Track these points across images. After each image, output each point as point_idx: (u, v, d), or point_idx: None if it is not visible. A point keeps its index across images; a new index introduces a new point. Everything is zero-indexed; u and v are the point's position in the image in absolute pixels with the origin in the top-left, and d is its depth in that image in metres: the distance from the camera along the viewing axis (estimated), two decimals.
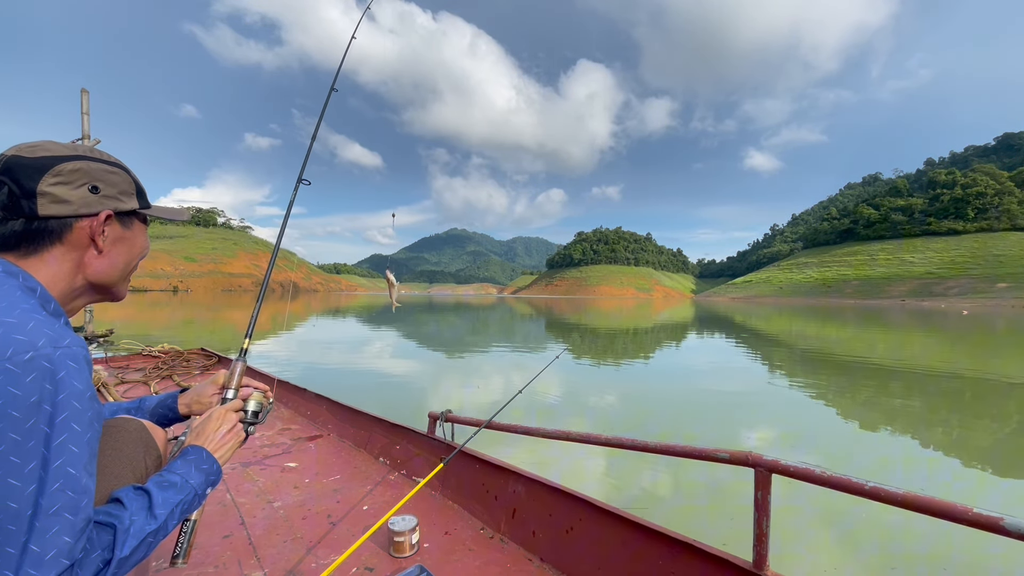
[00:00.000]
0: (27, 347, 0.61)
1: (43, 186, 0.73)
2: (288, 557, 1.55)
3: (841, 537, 3.08)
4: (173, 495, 0.79)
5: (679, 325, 25.92)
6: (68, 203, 0.75)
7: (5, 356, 0.59)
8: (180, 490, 0.81)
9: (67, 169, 0.76)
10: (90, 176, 0.78)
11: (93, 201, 0.78)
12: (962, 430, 5.71)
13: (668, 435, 5.23)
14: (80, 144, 0.82)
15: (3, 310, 0.63)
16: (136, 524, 0.71)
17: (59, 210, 0.74)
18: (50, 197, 0.74)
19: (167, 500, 0.77)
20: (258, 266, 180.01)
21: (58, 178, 0.75)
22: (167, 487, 0.79)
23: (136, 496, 0.75)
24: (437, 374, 9.05)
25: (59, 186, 0.75)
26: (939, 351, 14.66)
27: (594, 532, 1.44)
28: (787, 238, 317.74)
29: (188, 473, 0.84)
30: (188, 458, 0.87)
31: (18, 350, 0.60)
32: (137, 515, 0.72)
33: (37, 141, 0.78)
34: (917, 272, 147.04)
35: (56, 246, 0.75)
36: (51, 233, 0.74)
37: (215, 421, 0.97)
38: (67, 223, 0.76)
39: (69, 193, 0.76)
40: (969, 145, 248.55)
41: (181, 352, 5.05)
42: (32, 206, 0.72)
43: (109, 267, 0.82)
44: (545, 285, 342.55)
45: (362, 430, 2.61)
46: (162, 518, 0.75)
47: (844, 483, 0.98)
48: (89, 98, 6.49)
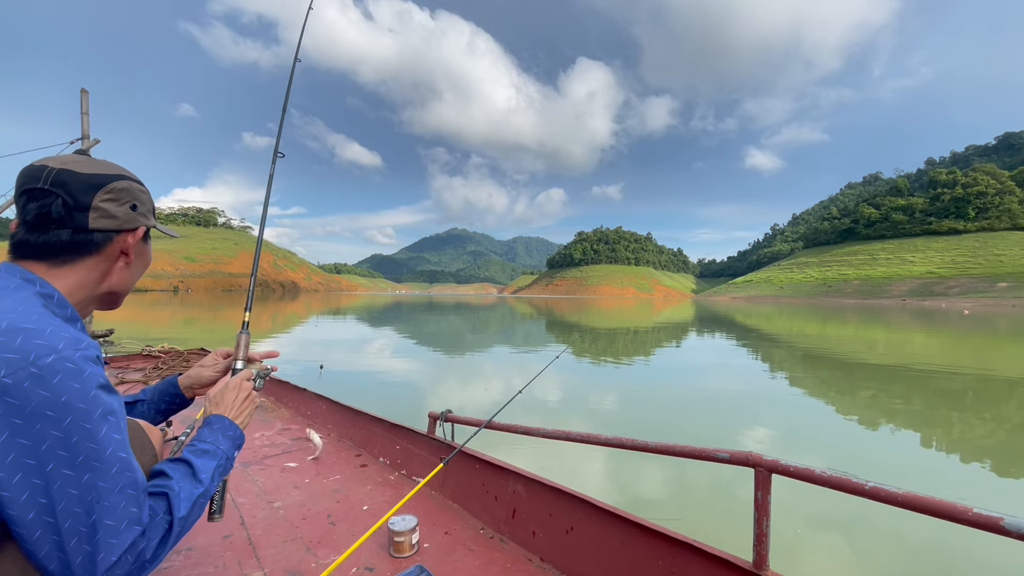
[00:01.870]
0: (48, 351, 0.65)
1: (96, 201, 0.81)
2: (288, 557, 1.54)
3: (841, 537, 3.08)
4: (209, 461, 0.88)
5: (679, 325, 25.92)
6: (115, 218, 0.83)
7: (28, 361, 0.63)
8: (214, 456, 0.89)
9: (117, 187, 0.84)
10: (132, 195, 0.87)
11: (132, 218, 0.86)
12: (963, 429, 5.71)
13: (668, 435, 5.23)
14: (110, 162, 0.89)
15: (21, 316, 0.67)
16: (185, 489, 0.80)
17: (106, 224, 0.82)
18: (101, 212, 0.81)
19: (206, 466, 0.86)
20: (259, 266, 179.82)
21: (109, 195, 0.83)
22: (202, 455, 0.88)
23: (177, 466, 0.84)
24: (437, 374, 9.05)
25: (110, 203, 0.83)
26: (940, 350, 14.65)
27: (594, 532, 1.44)
28: (788, 238, 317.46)
29: (217, 440, 0.93)
30: (213, 427, 0.95)
31: (40, 354, 0.64)
32: (183, 482, 0.81)
33: (76, 156, 0.84)
34: (918, 272, 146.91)
35: (92, 256, 0.82)
36: (94, 245, 0.81)
37: (232, 391, 1.04)
38: (109, 236, 0.83)
39: (116, 209, 0.83)
40: (970, 144, 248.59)
41: (181, 352, 5.05)
42: (84, 219, 0.79)
43: (130, 278, 0.89)
44: (546, 285, 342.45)
45: (362, 430, 2.61)
46: (206, 482, 0.84)
47: (844, 483, 0.98)
48: (89, 98, 6.49)
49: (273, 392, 3.71)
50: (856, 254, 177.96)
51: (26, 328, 0.65)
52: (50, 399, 0.63)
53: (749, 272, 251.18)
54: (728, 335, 19.13)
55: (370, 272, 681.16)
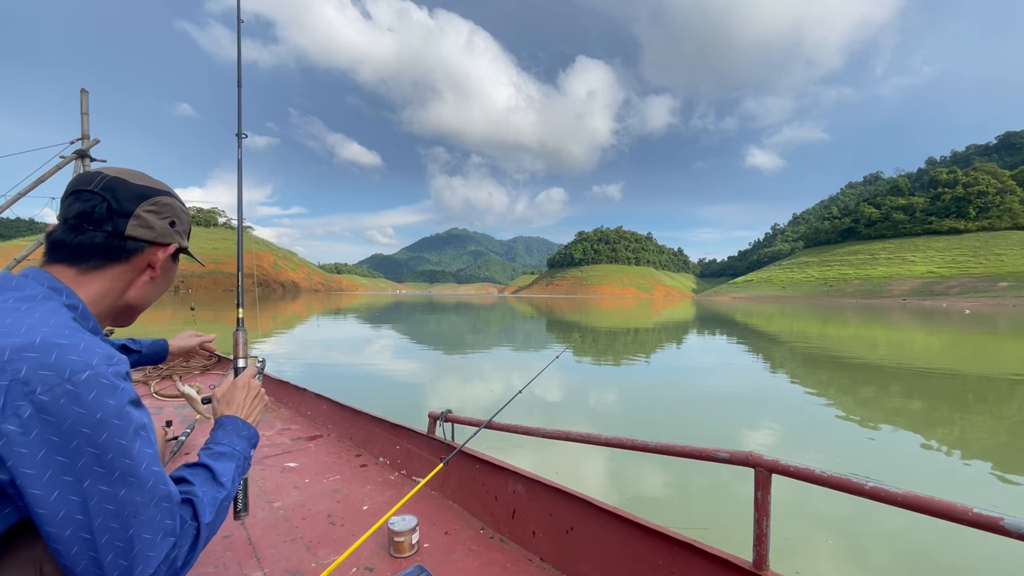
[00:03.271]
0: (83, 367, 0.65)
1: (140, 211, 0.83)
2: (288, 557, 1.55)
3: (841, 537, 3.08)
4: (228, 463, 0.87)
5: (680, 325, 25.91)
6: (152, 229, 0.85)
7: (64, 377, 0.63)
8: (231, 458, 0.89)
9: (161, 202, 0.87)
10: (173, 212, 0.89)
11: (169, 233, 0.88)
12: (963, 429, 5.71)
13: (668, 435, 5.23)
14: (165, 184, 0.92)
15: (54, 331, 0.66)
16: (208, 494, 0.79)
17: (143, 234, 0.83)
18: (141, 221, 0.83)
19: (226, 468, 0.85)
20: (259, 266, 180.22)
21: (154, 207, 0.85)
22: (220, 457, 0.87)
23: (197, 471, 0.83)
24: (437, 374, 9.05)
25: (152, 214, 0.85)
26: (941, 350, 14.64)
27: (594, 532, 1.43)
28: (788, 237, 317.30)
29: (232, 441, 0.92)
30: (227, 428, 0.94)
31: (75, 370, 0.64)
32: (205, 486, 0.80)
33: (131, 170, 0.88)
34: (918, 271, 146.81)
35: (121, 264, 0.82)
36: (126, 252, 0.82)
37: (241, 389, 1.04)
38: (141, 247, 0.84)
39: (156, 222, 0.85)
40: (971, 144, 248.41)
41: None
42: (123, 224, 0.81)
43: (150, 293, 0.89)
44: (546, 285, 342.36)
45: (362, 430, 2.61)
46: (227, 485, 0.84)
47: (844, 483, 0.97)
48: (88, 98, 6.49)
49: (273, 392, 3.71)
50: (857, 254, 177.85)
51: (60, 343, 0.65)
52: (86, 416, 0.63)
53: (750, 272, 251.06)
54: (728, 335, 19.12)
55: (370, 272, 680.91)
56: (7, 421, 0.59)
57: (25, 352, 0.62)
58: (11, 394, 0.60)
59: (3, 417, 0.59)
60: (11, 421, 0.59)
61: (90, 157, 7.63)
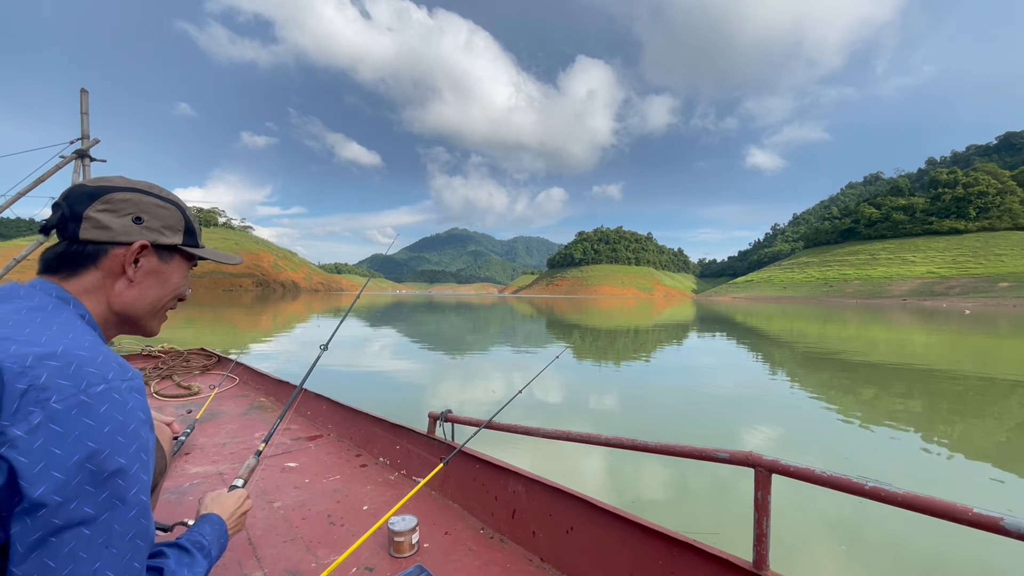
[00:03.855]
0: (99, 380, 0.64)
1: (90, 211, 0.77)
2: (288, 557, 1.55)
3: (841, 537, 3.08)
4: (203, 560, 0.86)
5: (680, 325, 25.91)
6: (108, 229, 0.78)
7: (80, 388, 0.62)
8: (208, 555, 0.88)
9: (117, 198, 0.80)
10: (138, 207, 0.81)
11: (133, 231, 0.80)
12: (964, 429, 5.71)
13: (668, 435, 5.23)
14: (144, 181, 0.86)
15: (74, 343, 0.66)
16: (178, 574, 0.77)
17: (98, 235, 0.77)
18: (93, 222, 0.77)
19: (200, 563, 0.85)
20: (259, 266, 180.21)
21: (106, 205, 0.78)
22: (200, 548, 0.87)
23: (178, 552, 0.82)
24: (437, 374, 9.05)
25: (104, 213, 0.78)
26: (941, 350, 14.64)
27: (594, 532, 1.43)
28: (788, 237, 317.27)
29: (213, 542, 0.92)
30: (214, 526, 0.96)
31: (91, 382, 0.63)
32: (180, 569, 0.78)
33: (120, 177, 0.84)
34: (918, 272, 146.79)
35: (91, 271, 0.77)
36: (87, 257, 0.77)
37: (235, 502, 1.09)
38: (103, 249, 0.78)
39: (112, 220, 0.79)
40: (971, 144, 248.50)
41: (181, 352, 5.05)
42: (76, 229, 0.76)
43: (137, 298, 0.82)
44: (546, 285, 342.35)
45: (362, 430, 2.61)
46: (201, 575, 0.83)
47: (844, 483, 0.97)
48: (88, 98, 6.49)
49: (273, 392, 3.71)
50: (857, 254, 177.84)
51: (80, 355, 0.64)
52: (93, 428, 0.61)
53: (750, 272, 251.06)
54: (728, 335, 19.12)
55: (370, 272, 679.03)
56: (16, 426, 0.58)
57: (47, 360, 0.62)
58: (26, 399, 0.59)
59: (13, 421, 0.58)
60: (20, 426, 0.58)
61: (90, 157, 7.63)
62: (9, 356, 0.60)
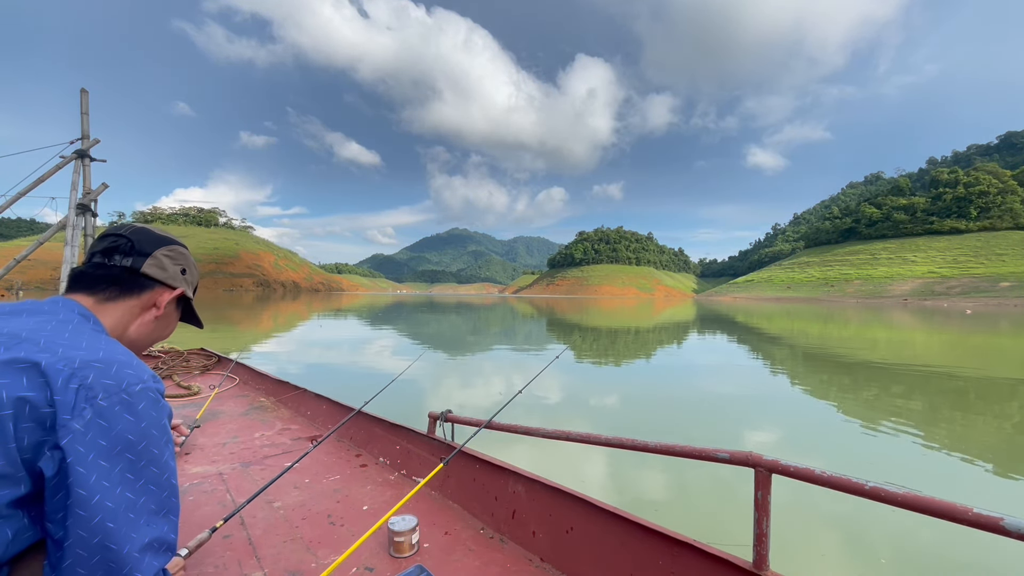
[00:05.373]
0: (137, 380, 0.75)
1: (158, 252, 0.95)
2: (288, 557, 1.55)
3: (841, 537, 3.08)
4: None
5: (680, 325, 25.90)
6: (165, 271, 0.96)
7: (122, 388, 0.72)
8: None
9: (178, 250, 1.00)
10: (186, 262, 1.01)
11: (179, 279, 0.99)
12: (965, 429, 5.70)
13: (668, 435, 5.23)
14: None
15: (112, 349, 0.77)
16: None
17: (156, 273, 0.94)
18: (157, 261, 0.95)
19: None
20: (259, 266, 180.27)
21: (169, 253, 0.97)
22: None
23: None
24: (437, 374, 9.05)
25: (167, 258, 0.96)
26: (942, 350, 14.63)
27: (594, 532, 1.43)
28: (789, 237, 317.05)
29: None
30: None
31: (131, 383, 0.74)
32: None
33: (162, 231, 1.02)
34: (919, 271, 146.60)
35: (133, 298, 0.91)
36: (139, 287, 0.92)
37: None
38: (152, 284, 0.94)
39: (169, 265, 0.97)
40: (971, 144, 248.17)
41: (181, 352, 5.05)
42: (140, 262, 0.92)
43: (149, 333, 0.97)
44: (546, 285, 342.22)
45: (362, 430, 2.61)
46: None
47: (844, 483, 0.97)
48: (88, 98, 6.49)
49: (273, 392, 3.72)
50: (857, 254, 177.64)
51: (119, 359, 0.75)
52: (133, 424, 0.72)
53: (750, 272, 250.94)
54: (729, 335, 19.11)
55: (371, 272, 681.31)
56: (75, 420, 0.67)
57: (92, 363, 0.71)
58: (79, 397, 0.68)
59: (72, 416, 0.67)
60: (77, 421, 0.67)
61: (90, 157, 7.63)
62: (59, 359, 0.69)
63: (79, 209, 7.70)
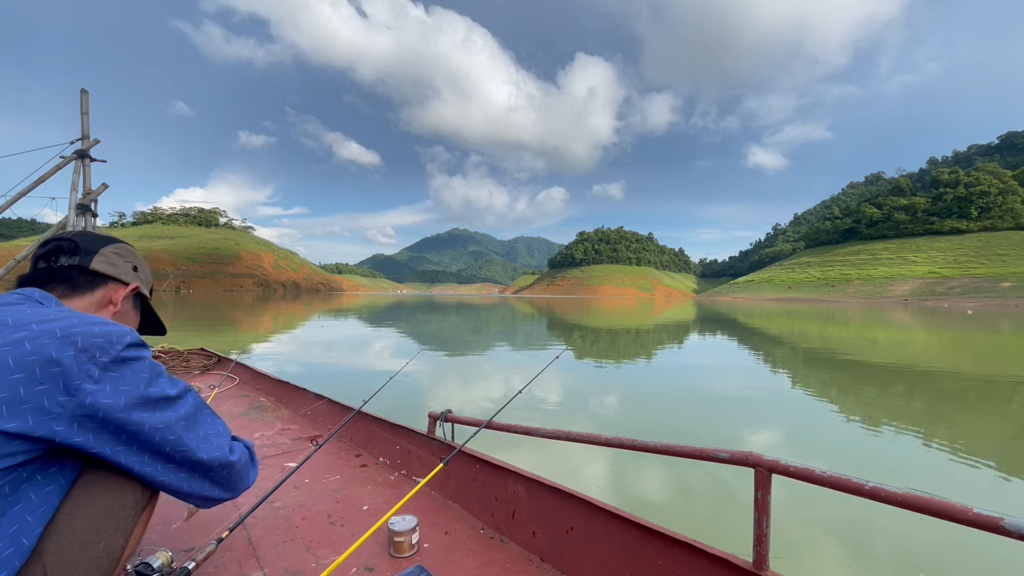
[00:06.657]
0: (123, 332, 0.81)
1: (105, 249, 0.98)
2: (288, 557, 1.55)
3: (841, 537, 3.07)
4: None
5: (680, 325, 25.89)
6: (114, 266, 0.99)
7: (113, 341, 0.77)
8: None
9: (125, 248, 1.03)
10: (136, 259, 1.06)
11: (131, 275, 1.02)
12: (965, 429, 5.69)
13: (668, 435, 5.23)
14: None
15: (75, 314, 0.80)
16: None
17: (106, 269, 0.97)
18: (104, 258, 0.97)
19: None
20: (260, 266, 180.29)
21: (117, 251, 1.01)
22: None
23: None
24: (437, 374, 9.05)
25: (115, 255, 1.00)
26: (943, 350, 14.62)
27: (594, 532, 1.43)
28: (789, 237, 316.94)
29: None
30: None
31: (119, 335, 0.79)
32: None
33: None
34: (920, 272, 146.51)
35: (86, 295, 0.94)
36: (90, 284, 0.95)
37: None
38: (104, 280, 0.96)
39: (119, 261, 1.00)
40: (972, 144, 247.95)
41: (181, 352, 5.05)
42: (88, 259, 0.95)
43: None
44: (547, 285, 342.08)
45: (362, 430, 2.61)
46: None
47: (844, 483, 0.97)
48: (88, 98, 6.50)
49: (273, 392, 3.72)
50: (858, 254, 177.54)
51: (96, 320, 0.80)
52: (138, 366, 0.79)
53: (751, 272, 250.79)
54: (729, 335, 19.11)
55: (371, 272, 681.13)
56: (86, 382, 0.72)
57: (72, 328, 0.74)
58: (79, 360, 0.72)
59: (81, 379, 0.72)
60: (88, 382, 0.72)
61: (90, 157, 7.64)
62: (41, 333, 0.72)
63: (79, 209, 7.71)
